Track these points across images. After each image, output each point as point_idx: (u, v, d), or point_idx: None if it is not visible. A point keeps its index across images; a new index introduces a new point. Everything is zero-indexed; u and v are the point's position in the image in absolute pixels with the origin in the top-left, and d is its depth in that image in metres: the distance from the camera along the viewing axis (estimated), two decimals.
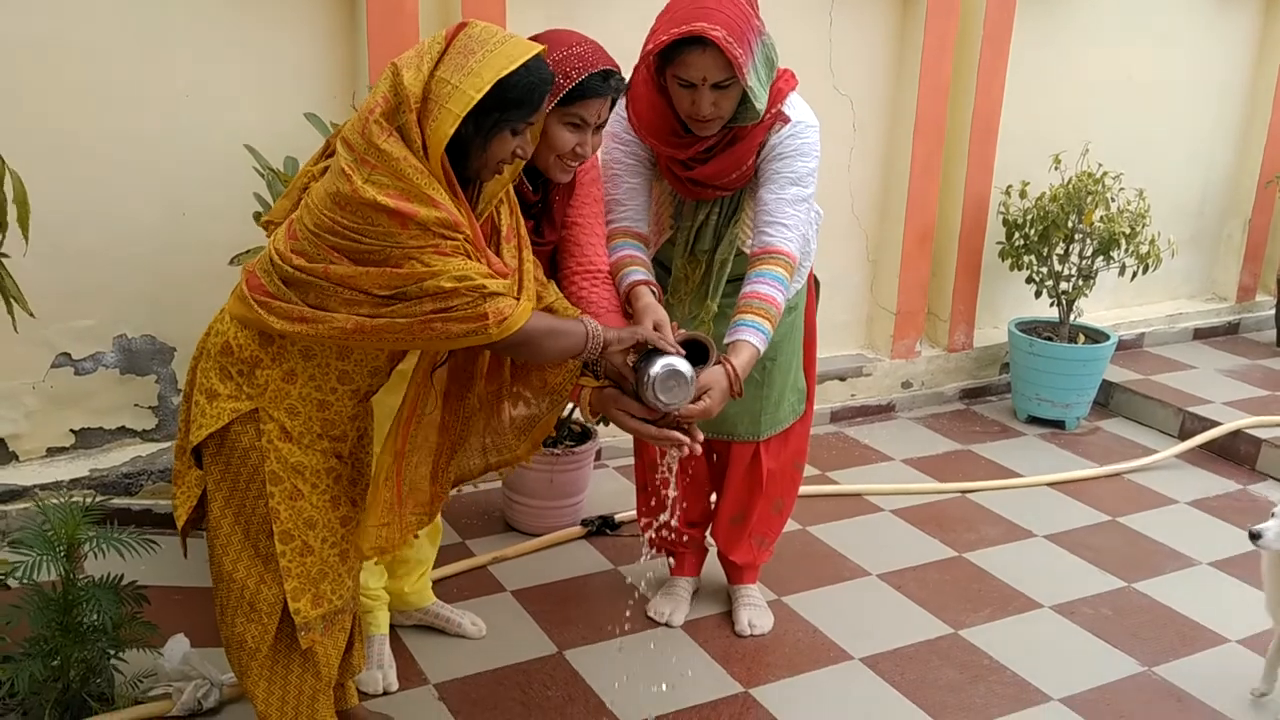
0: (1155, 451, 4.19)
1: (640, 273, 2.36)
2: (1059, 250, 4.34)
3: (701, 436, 2.22)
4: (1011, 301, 4.77)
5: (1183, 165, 5.25)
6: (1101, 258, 4.31)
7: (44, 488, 3.07)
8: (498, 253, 2.03)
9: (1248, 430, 4.19)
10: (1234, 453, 4.20)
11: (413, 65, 1.83)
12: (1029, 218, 4.34)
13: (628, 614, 2.93)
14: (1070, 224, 4.26)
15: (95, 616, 2.27)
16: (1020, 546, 3.47)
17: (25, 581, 2.21)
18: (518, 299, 1.93)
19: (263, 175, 2.86)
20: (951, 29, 4.20)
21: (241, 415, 1.94)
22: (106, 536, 2.27)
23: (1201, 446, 4.22)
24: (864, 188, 4.36)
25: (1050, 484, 3.93)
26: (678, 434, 2.18)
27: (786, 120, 2.43)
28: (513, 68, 1.81)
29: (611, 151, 2.49)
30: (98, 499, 2.59)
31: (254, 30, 3.15)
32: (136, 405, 3.28)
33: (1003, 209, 4.44)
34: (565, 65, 2.10)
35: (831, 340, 4.43)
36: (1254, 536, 2.55)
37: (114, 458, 3.24)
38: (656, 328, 2.20)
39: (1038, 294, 4.46)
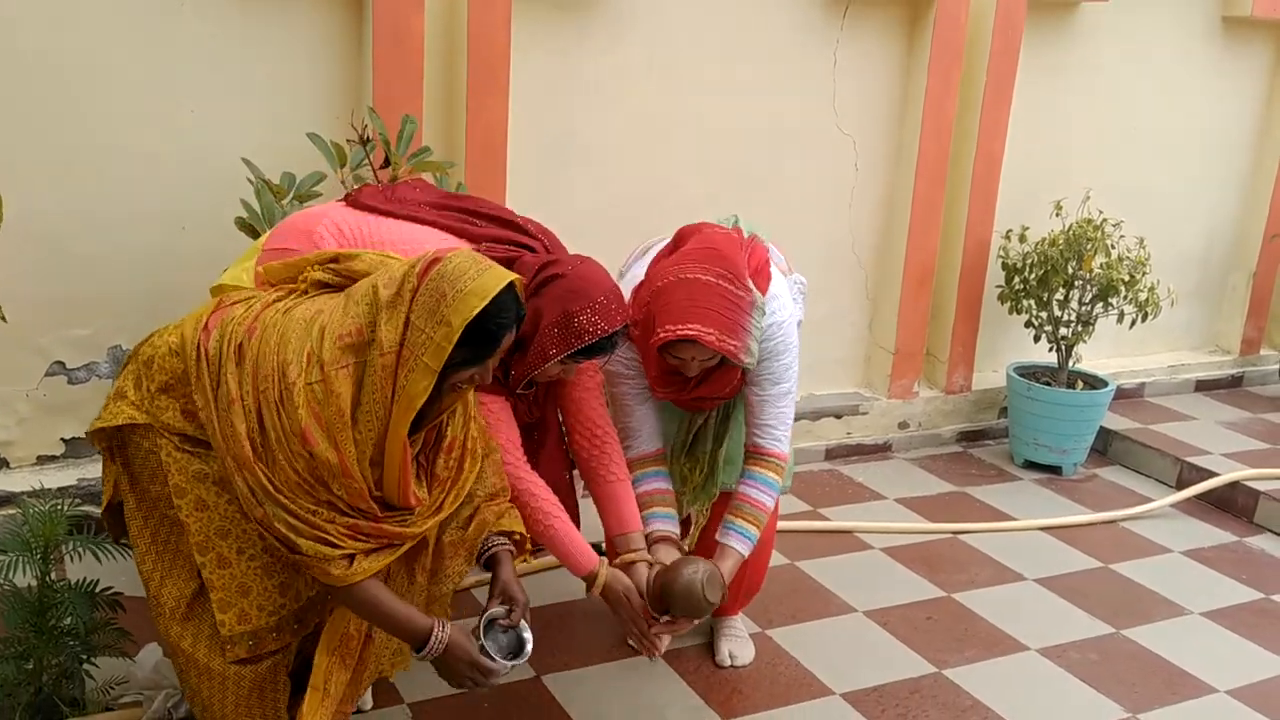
0: (1151, 500, 4.17)
1: (660, 517, 2.56)
2: (1058, 295, 4.34)
3: (663, 649, 2.52)
4: (1010, 345, 4.76)
5: (1187, 216, 5.26)
6: (1100, 304, 4.31)
7: (32, 495, 3.08)
8: (433, 459, 2.05)
9: (1246, 482, 4.16)
10: (1232, 504, 4.16)
11: (391, 306, 1.86)
12: (1028, 262, 4.35)
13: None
14: (1070, 269, 4.26)
15: (69, 620, 2.27)
16: (1010, 589, 3.44)
17: (2, 583, 2.22)
18: (394, 544, 1.97)
19: (253, 184, 2.89)
20: (956, 71, 4.23)
21: (138, 425, 1.99)
22: (83, 540, 2.27)
23: (1199, 497, 4.19)
24: (865, 226, 4.37)
25: (1044, 528, 3.90)
26: (656, 644, 2.47)
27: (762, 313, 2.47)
28: (482, 307, 1.84)
29: (618, 385, 2.59)
30: (81, 506, 2.60)
31: (261, 49, 3.19)
32: None
33: (1002, 253, 4.45)
34: (579, 324, 2.21)
35: (828, 377, 4.43)
36: None
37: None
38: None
39: (1036, 339, 4.46)
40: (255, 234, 2.83)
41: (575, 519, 2.48)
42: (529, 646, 2.15)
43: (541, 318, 2.25)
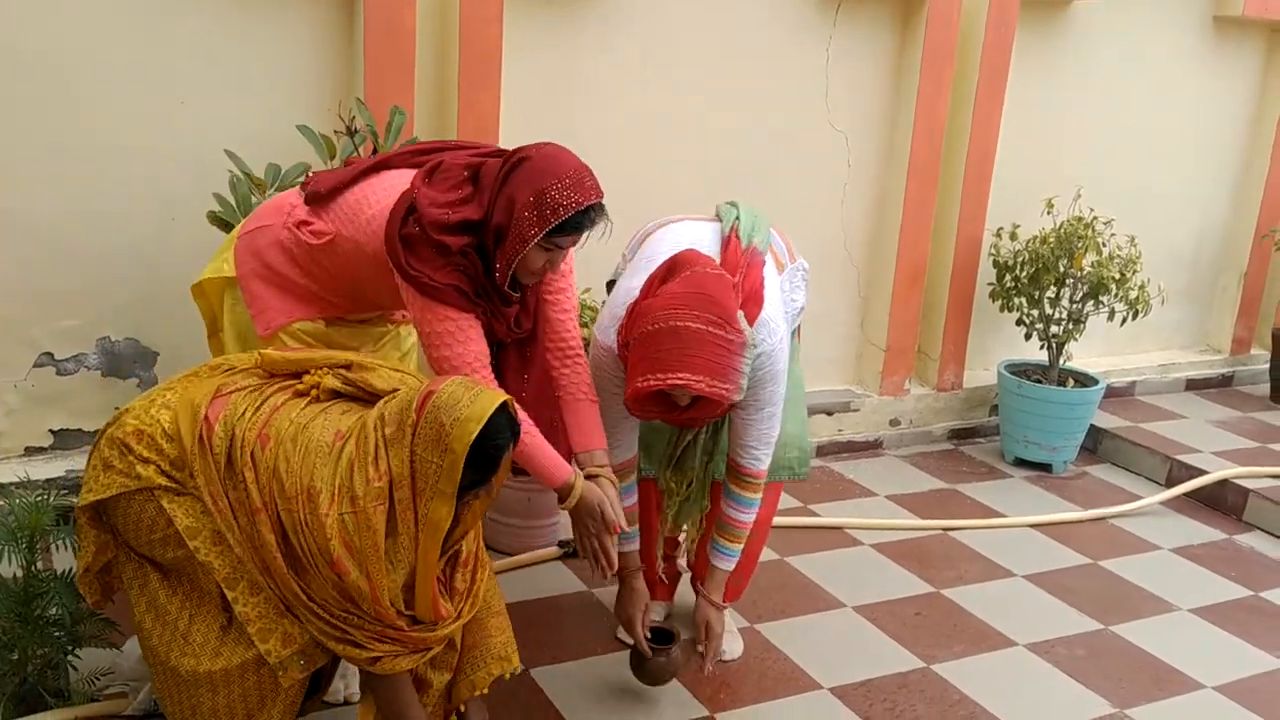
0: (1141, 497, 4.17)
1: (624, 538, 2.62)
2: (1049, 293, 4.35)
3: (609, 573, 2.50)
4: (1002, 343, 4.77)
5: (1178, 215, 5.27)
6: (1091, 302, 4.31)
7: (19, 485, 3.07)
8: (451, 575, 2.13)
9: (1236, 480, 4.17)
10: (1221, 502, 4.17)
11: (396, 442, 1.93)
12: (1020, 260, 4.35)
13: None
14: (1061, 268, 4.26)
15: (54, 610, 2.27)
16: (999, 585, 3.45)
17: None
18: (420, 649, 2.03)
19: (232, 175, 2.88)
20: (948, 69, 4.23)
21: (129, 490, 2.00)
22: (69, 530, 2.26)
23: (1189, 495, 4.19)
24: (857, 224, 4.37)
25: (1033, 525, 3.91)
26: (613, 560, 2.46)
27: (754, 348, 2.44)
28: (480, 430, 1.90)
29: (606, 399, 2.57)
30: (68, 497, 2.60)
31: (257, 46, 3.19)
32: (116, 408, 3.24)
33: (994, 251, 4.45)
34: (552, 198, 2.20)
35: (820, 375, 4.43)
36: None
37: None
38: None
39: (1028, 336, 4.46)
40: (228, 228, 2.82)
41: (567, 457, 2.44)
42: None
43: (515, 203, 2.23)
